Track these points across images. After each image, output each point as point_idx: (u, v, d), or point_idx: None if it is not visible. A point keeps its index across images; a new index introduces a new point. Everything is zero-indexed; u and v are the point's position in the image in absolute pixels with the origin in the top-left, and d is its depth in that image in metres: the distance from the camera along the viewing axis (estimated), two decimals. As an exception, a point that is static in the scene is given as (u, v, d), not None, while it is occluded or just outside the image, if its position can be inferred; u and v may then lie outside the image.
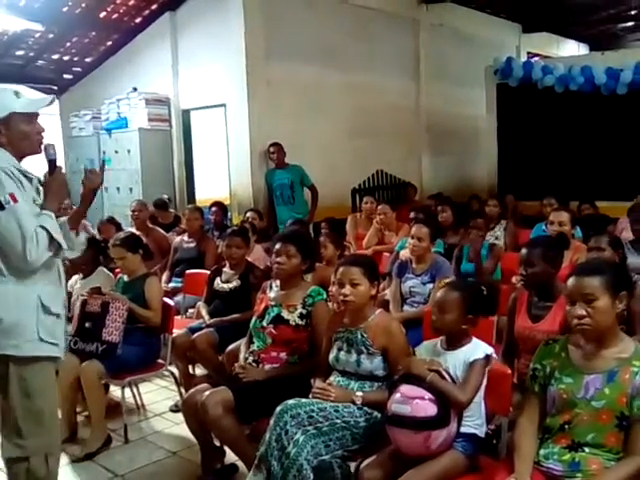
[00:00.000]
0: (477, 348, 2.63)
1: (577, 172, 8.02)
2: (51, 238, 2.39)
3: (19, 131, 2.44)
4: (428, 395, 2.43)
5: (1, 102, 2.42)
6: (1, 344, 2.40)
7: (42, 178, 2.58)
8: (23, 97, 2.46)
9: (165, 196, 7.54)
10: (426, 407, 2.41)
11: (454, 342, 2.67)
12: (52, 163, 2.56)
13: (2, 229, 2.31)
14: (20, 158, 2.50)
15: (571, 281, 2.25)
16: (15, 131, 2.43)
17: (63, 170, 2.61)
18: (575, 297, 2.20)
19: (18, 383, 2.42)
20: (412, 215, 5.71)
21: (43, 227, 2.37)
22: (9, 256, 2.34)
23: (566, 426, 2.21)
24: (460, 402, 2.47)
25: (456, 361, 2.61)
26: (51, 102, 2.54)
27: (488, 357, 2.62)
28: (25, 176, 2.45)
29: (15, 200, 2.31)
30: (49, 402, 2.53)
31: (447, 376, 2.52)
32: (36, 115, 2.51)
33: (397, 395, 2.49)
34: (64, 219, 2.59)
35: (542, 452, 2.25)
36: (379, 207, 6.15)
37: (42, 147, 2.54)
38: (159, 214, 7.05)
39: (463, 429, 2.54)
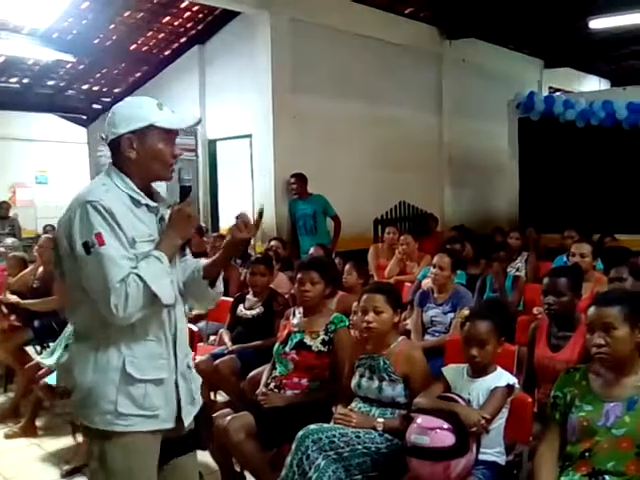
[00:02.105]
0: (501, 377, 2.69)
1: (598, 205, 8.01)
2: (149, 289, 1.89)
3: (154, 148, 2.03)
4: (446, 425, 2.45)
5: (141, 111, 2.03)
6: (78, 411, 2.03)
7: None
8: (166, 110, 2.07)
9: (203, 224, 7.68)
10: (444, 437, 2.43)
11: (481, 370, 2.71)
12: (185, 191, 2.15)
13: (88, 277, 1.89)
14: (146, 182, 2.09)
15: (591, 310, 2.28)
16: (149, 147, 2.02)
17: (191, 201, 2.18)
18: (595, 326, 2.24)
19: (98, 458, 1.99)
20: (448, 246, 5.74)
21: (139, 276, 1.88)
22: (100, 309, 1.90)
23: (586, 454, 2.21)
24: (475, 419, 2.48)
25: (481, 389, 2.66)
26: (197, 122, 2.17)
27: (510, 387, 2.66)
28: (145, 206, 2.04)
29: (102, 242, 1.86)
30: None
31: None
32: (176, 134, 2.10)
33: (414, 426, 2.52)
34: (201, 264, 2.21)
35: (563, 480, 2.26)
36: (402, 237, 6.18)
37: (174, 172, 2.12)
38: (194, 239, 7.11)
39: (483, 457, 2.56)
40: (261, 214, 2.21)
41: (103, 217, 1.89)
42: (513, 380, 2.69)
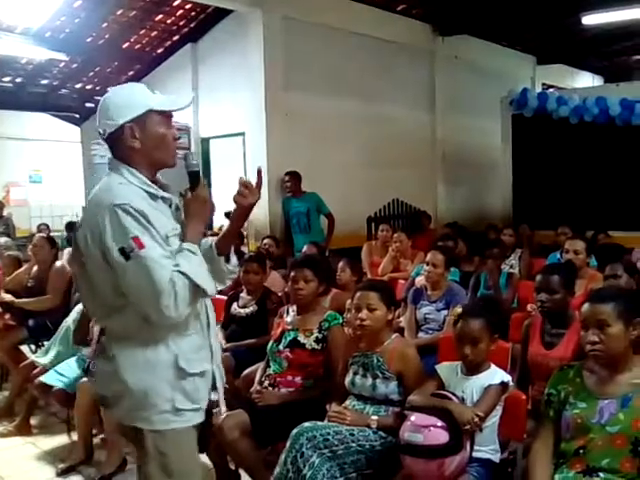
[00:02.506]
0: (495, 374, 2.69)
1: (591, 202, 8.03)
2: (193, 284, 1.86)
3: (156, 134, 1.95)
4: (440, 422, 2.46)
5: (137, 98, 1.96)
6: (131, 415, 1.95)
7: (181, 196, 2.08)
8: (158, 93, 2.02)
9: None
10: (438, 435, 2.44)
11: (474, 368, 2.71)
12: (194, 176, 2.03)
13: (131, 284, 1.82)
14: (153, 171, 2.02)
15: (585, 307, 2.29)
16: (151, 134, 1.95)
17: (205, 183, 2.08)
18: (589, 323, 2.24)
19: (157, 459, 1.94)
20: (441, 244, 5.75)
21: (182, 273, 1.83)
22: (144, 313, 1.85)
23: (581, 451, 2.22)
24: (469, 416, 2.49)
25: (475, 386, 2.66)
26: (192, 101, 2.10)
27: (504, 384, 2.66)
28: (161, 198, 1.99)
29: (141, 245, 1.79)
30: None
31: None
32: (171, 117, 2.03)
33: (408, 424, 2.52)
34: (211, 241, 2.13)
35: (557, 477, 2.26)
36: (395, 235, 6.19)
37: (178, 157, 2.06)
38: None
39: (477, 454, 2.56)
40: (260, 174, 2.10)
41: (136, 219, 1.81)
42: (507, 377, 2.69)
